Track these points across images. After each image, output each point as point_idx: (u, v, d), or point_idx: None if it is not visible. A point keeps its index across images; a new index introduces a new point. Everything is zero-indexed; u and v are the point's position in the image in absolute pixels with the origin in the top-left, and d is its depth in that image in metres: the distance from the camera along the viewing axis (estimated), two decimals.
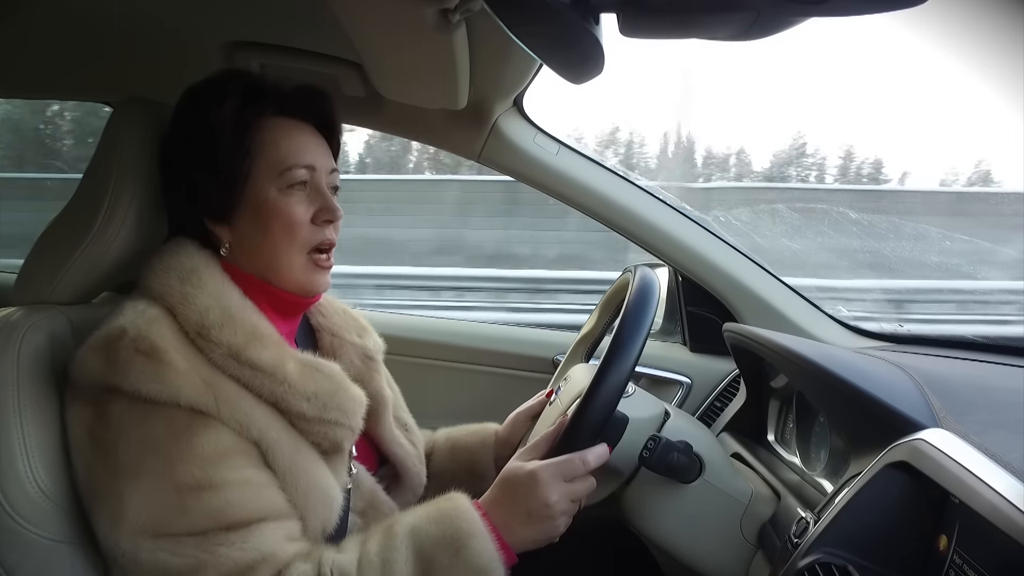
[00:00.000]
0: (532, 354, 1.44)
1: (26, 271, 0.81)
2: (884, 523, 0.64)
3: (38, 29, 0.99)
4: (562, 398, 0.95)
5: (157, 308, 0.73)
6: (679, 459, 0.83)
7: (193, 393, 0.68)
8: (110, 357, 0.68)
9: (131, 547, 0.65)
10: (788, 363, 0.91)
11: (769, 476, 0.94)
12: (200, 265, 0.77)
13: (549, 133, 1.24)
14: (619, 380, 0.76)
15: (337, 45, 1.01)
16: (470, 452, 1.06)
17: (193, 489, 0.66)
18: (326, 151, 0.85)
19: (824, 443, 0.94)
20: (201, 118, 0.79)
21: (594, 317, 1.17)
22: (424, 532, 0.72)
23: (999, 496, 0.52)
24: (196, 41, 1.02)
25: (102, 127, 0.83)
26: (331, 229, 0.83)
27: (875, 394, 0.74)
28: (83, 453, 0.70)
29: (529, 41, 0.56)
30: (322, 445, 0.76)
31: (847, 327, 1.30)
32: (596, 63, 0.58)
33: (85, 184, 0.82)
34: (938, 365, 0.94)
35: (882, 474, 0.65)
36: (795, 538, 0.72)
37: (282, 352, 0.75)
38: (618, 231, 1.29)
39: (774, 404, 1.10)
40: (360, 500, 0.85)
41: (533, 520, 0.74)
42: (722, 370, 1.33)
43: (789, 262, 2.67)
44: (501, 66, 0.98)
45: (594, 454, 0.77)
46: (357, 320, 1.00)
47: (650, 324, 0.79)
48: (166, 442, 0.67)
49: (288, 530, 0.71)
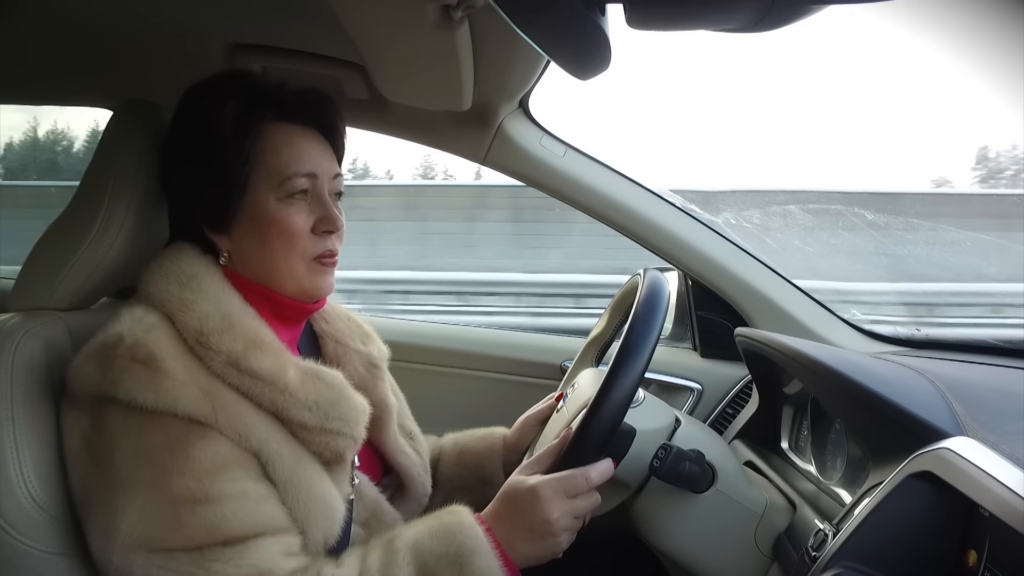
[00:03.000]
0: (540, 360, 1.42)
1: (23, 276, 0.80)
2: (908, 537, 0.61)
3: (37, 34, 0.98)
4: (569, 406, 0.92)
5: (155, 315, 0.71)
6: (691, 468, 0.81)
7: (191, 402, 0.66)
8: (106, 365, 0.67)
9: (124, 563, 0.63)
10: (802, 368, 0.88)
11: (784, 485, 0.91)
12: (200, 271, 0.76)
13: (555, 135, 1.22)
14: (624, 393, 0.73)
15: (339, 46, 0.99)
16: (478, 458, 1.04)
17: (189, 502, 0.64)
18: (329, 156, 0.83)
19: (841, 451, 0.91)
20: (200, 122, 0.78)
21: (604, 319, 1.15)
22: (426, 548, 0.70)
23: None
24: (197, 44, 1.01)
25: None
26: (333, 239, 0.81)
27: (895, 400, 0.71)
28: (78, 463, 0.68)
29: (533, 34, 0.55)
30: (324, 455, 0.75)
31: (862, 331, 1.27)
32: (602, 57, 0.56)
33: (83, 188, 0.81)
34: (960, 370, 0.91)
35: (905, 485, 0.62)
36: (813, 551, 0.69)
37: (283, 360, 0.73)
38: (626, 234, 1.27)
39: (788, 411, 1.07)
40: (363, 511, 0.83)
41: (535, 537, 0.72)
42: (734, 376, 1.30)
43: (802, 267, 2.64)
44: (506, 66, 0.96)
45: (597, 470, 0.75)
46: (361, 326, 0.98)
47: (658, 334, 0.76)
48: (162, 453, 0.65)
49: (286, 545, 0.69)
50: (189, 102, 0.80)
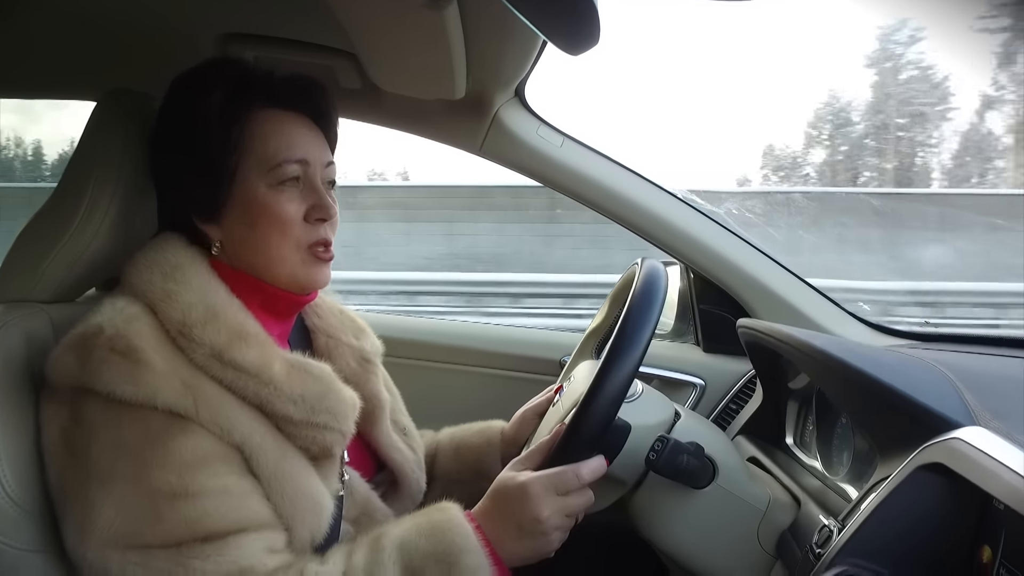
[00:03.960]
0: (538, 355, 1.40)
1: (5, 267, 0.79)
2: (917, 532, 0.58)
3: (26, 25, 0.97)
4: (564, 400, 0.90)
5: (137, 305, 0.70)
6: (689, 462, 0.78)
7: (171, 395, 0.64)
8: (85, 356, 0.65)
9: (99, 559, 0.61)
10: (807, 359, 0.86)
11: (788, 481, 0.88)
12: (185, 261, 0.74)
13: (552, 125, 1.20)
14: (617, 388, 0.71)
15: (331, 34, 0.97)
16: (476, 452, 1.02)
17: (168, 497, 0.62)
18: (321, 143, 0.81)
19: (847, 445, 0.89)
20: (186, 110, 0.76)
21: (603, 310, 1.12)
22: (414, 546, 0.67)
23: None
24: (188, 33, 0.99)
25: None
26: (326, 227, 0.79)
27: (903, 389, 0.68)
28: (55, 457, 0.66)
29: (522, 7, 0.52)
30: (311, 450, 0.72)
31: (871, 325, 1.24)
32: (592, 30, 0.54)
33: (67, 177, 0.79)
34: (972, 360, 0.89)
35: (913, 477, 0.59)
36: (817, 548, 0.66)
37: (268, 352, 0.71)
38: (626, 226, 1.24)
39: (792, 405, 1.04)
40: (353, 508, 0.81)
41: (524, 535, 0.70)
42: (737, 371, 1.27)
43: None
44: (499, 51, 0.94)
45: (589, 468, 0.72)
46: (354, 321, 0.96)
47: (653, 326, 0.73)
48: (141, 446, 0.63)
49: (269, 541, 0.67)
50: (176, 91, 0.79)
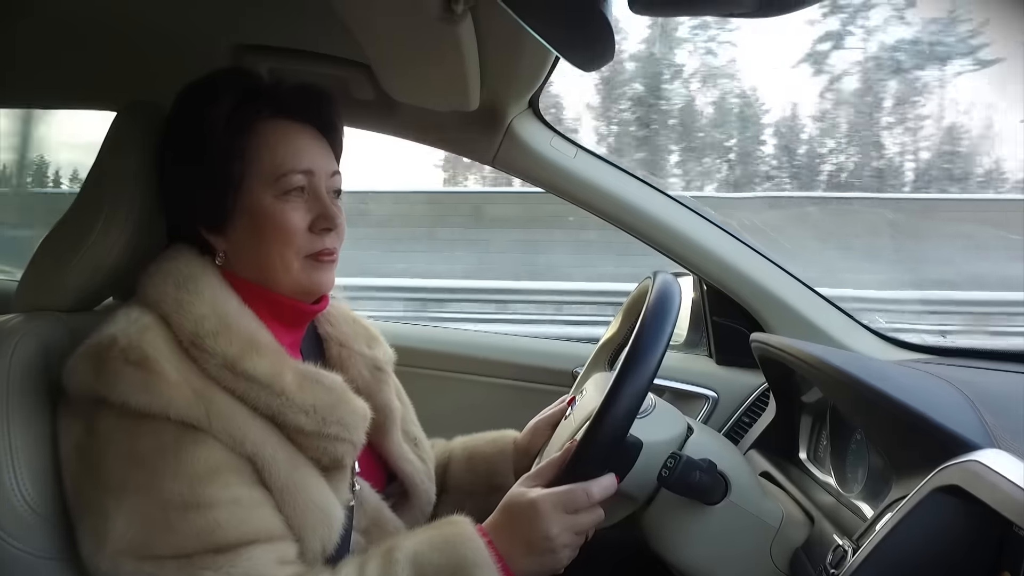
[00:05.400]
0: (550, 366, 1.39)
1: (27, 277, 0.80)
2: (933, 555, 0.57)
3: (42, 36, 0.99)
4: (576, 414, 0.89)
5: (150, 316, 0.70)
6: (702, 479, 0.77)
7: (183, 405, 0.65)
8: (99, 367, 0.66)
9: (112, 568, 0.62)
10: (821, 375, 0.85)
11: (801, 497, 0.87)
12: (197, 272, 0.74)
13: (566, 136, 1.20)
14: (629, 405, 0.70)
15: (345, 46, 0.98)
16: (489, 462, 1.01)
17: (180, 508, 0.63)
18: (327, 153, 0.82)
19: (862, 462, 0.87)
20: (193, 119, 0.77)
21: (616, 322, 1.12)
22: (426, 559, 0.67)
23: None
24: (204, 46, 1.00)
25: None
26: (331, 237, 0.79)
27: (920, 409, 0.67)
28: (71, 466, 0.67)
29: (535, 24, 0.53)
30: (322, 461, 0.73)
31: (885, 338, 1.22)
32: (606, 46, 0.54)
33: (86, 189, 0.81)
34: (989, 378, 0.87)
35: (930, 499, 0.58)
36: (831, 568, 0.65)
37: (280, 363, 0.72)
38: (639, 237, 1.24)
39: (806, 420, 1.03)
40: (364, 518, 0.81)
41: (534, 552, 0.70)
42: (750, 384, 1.26)
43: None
44: (512, 63, 0.94)
45: (599, 486, 0.72)
46: (367, 330, 0.96)
47: (666, 343, 0.72)
48: (153, 457, 0.64)
49: (280, 552, 0.67)
50: (183, 100, 0.79)
